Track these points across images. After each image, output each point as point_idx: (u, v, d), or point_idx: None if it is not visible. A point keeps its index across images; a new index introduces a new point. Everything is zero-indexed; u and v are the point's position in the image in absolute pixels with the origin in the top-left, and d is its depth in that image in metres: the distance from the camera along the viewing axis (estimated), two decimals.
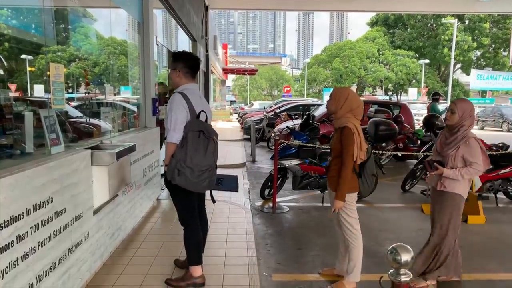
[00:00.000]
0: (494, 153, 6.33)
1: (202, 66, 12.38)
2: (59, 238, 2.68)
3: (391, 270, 1.46)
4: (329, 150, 3.76)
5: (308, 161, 5.85)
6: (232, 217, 5.06)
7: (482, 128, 24.07)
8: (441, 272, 3.40)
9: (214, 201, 3.31)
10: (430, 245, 3.45)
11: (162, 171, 3.93)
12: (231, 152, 11.08)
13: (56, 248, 2.64)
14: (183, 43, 10.86)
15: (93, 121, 4.77)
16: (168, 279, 3.22)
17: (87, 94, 5.98)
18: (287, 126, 9.01)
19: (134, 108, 5.73)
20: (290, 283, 3.52)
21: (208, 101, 13.36)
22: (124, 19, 5.95)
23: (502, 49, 43.00)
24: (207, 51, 13.32)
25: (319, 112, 11.14)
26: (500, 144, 6.82)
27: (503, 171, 6.17)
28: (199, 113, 3.05)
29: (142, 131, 5.11)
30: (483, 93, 40.56)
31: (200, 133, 2.96)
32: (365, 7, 17.30)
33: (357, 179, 3.24)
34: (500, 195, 6.38)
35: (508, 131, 22.24)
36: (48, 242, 2.54)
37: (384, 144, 7.77)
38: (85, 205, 3.11)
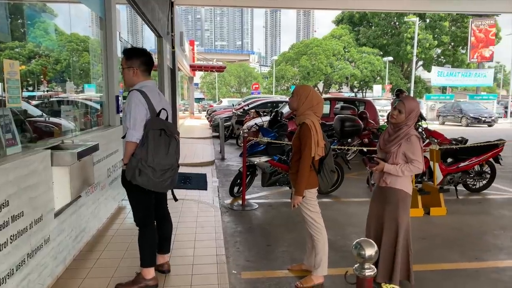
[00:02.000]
0: (454, 147, 6.58)
1: (168, 63, 12.18)
2: (16, 243, 2.56)
3: (356, 265, 1.48)
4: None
5: (277, 157, 5.88)
6: (200, 215, 5.01)
7: (442, 123, 25.01)
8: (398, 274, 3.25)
9: (176, 199, 3.25)
10: (384, 249, 3.26)
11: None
12: (199, 150, 10.99)
13: (13, 254, 2.52)
14: (149, 40, 10.64)
15: (54, 120, 4.59)
16: (118, 284, 3.12)
17: (48, 92, 5.75)
18: (255, 123, 9.01)
19: (97, 106, 5.57)
20: (259, 280, 3.52)
21: (175, 98, 13.18)
22: (87, 14, 5.76)
23: (460, 47, 44.78)
24: (173, 47, 13.10)
25: (287, 109, 11.21)
26: (460, 138, 7.10)
27: (462, 164, 6.42)
28: (160, 111, 2.97)
29: (106, 129, 4.97)
30: (443, 89, 42.10)
31: (162, 132, 2.89)
32: (331, 5, 17.54)
33: (316, 175, 3.29)
34: (460, 187, 6.63)
35: (467, 125, 23.24)
36: (4, 248, 2.42)
37: (350, 140, 7.91)
38: (46, 207, 2.99)
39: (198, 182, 7.06)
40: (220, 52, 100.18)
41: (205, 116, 25.61)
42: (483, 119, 23.25)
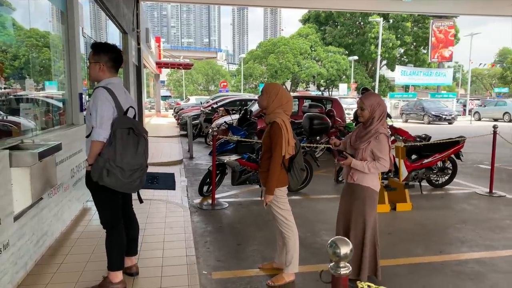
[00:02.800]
0: (419, 144, 6.78)
1: (134, 60, 11.90)
2: None
3: (331, 264, 1.48)
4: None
5: (247, 156, 5.85)
6: (169, 216, 4.91)
7: (406, 121, 25.78)
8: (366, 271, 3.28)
9: (141, 201, 3.16)
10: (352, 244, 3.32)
11: None
12: (167, 148, 10.81)
13: None
14: (113, 36, 10.34)
15: (12, 118, 4.36)
16: None
17: (5, 90, 5.46)
18: (225, 122, 8.96)
19: (60, 104, 5.35)
20: (230, 280, 3.48)
21: (141, 96, 12.89)
22: (47, 8, 5.51)
23: (422, 47, 46.37)
24: (139, 44, 12.81)
25: (256, 107, 11.22)
26: (423, 136, 7.32)
27: (426, 160, 6.63)
28: (127, 109, 2.88)
29: (69, 128, 4.78)
30: (406, 88, 43.44)
31: (130, 130, 2.80)
32: (297, 3, 17.68)
33: (286, 174, 3.29)
34: (424, 183, 6.84)
35: (429, 123, 24.07)
36: None
37: (318, 137, 8.00)
38: (4, 211, 2.83)
39: (166, 181, 6.93)
40: (187, 49, 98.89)
41: (172, 114, 25.24)
42: (444, 116, 24.14)
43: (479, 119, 28.06)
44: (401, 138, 7.14)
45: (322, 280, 1.45)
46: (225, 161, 5.90)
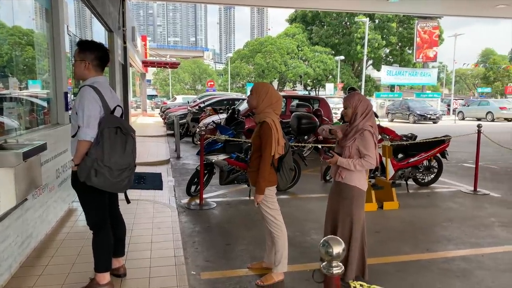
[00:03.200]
0: (405, 143, 6.85)
1: (120, 59, 11.77)
2: None
3: (324, 263, 1.47)
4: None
5: (235, 156, 5.83)
6: (157, 216, 4.86)
7: (391, 120, 26.06)
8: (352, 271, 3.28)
9: (128, 201, 3.12)
10: None
11: None
12: (154, 148, 10.72)
13: None
14: (99, 34, 10.20)
15: None
16: None
17: None
18: (212, 121, 8.91)
19: (44, 104, 5.25)
20: (219, 280, 3.46)
21: (127, 95, 12.76)
22: (31, 6, 5.40)
23: (407, 47, 46.94)
24: (125, 42, 12.68)
25: (244, 106, 11.20)
26: (409, 135, 7.39)
27: (412, 159, 6.70)
28: (115, 108, 2.85)
29: (54, 128, 4.70)
30: (391, 87, 43.92)
31: (117, 130, 2.76)
32: (284, 3, 17.71)
33: (275, 173, 3.29)
34: (410, 181, 6.92)
35: (414, 122, 24.36)
36: None
37: (306, 137, 8.02)
38: None
39: (153, 181, 6.87)
40: (173, 48, 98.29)
41: (159, 113, 25.06)
42: (429, 116, 24.46)
43: (463, 119, 28.52)
44: (387, 137, 7.20)
45: (315, 280, 1.45)
46: (213, 160, 5.87)
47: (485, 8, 16.79)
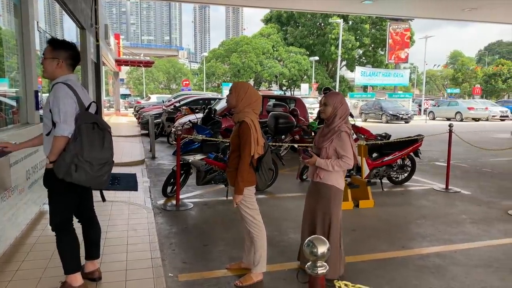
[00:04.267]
0: (379, 142, 6.97)
1: (92, 57, 11.48)
2: None
3: (308, 263, 1.46)
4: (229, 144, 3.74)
5: (214, 155, 5.78)
6: (132, 218, 4.76)
7: (365, 120, 26.50)
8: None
9: (104, 199, 3.09)
10: None
11: None
12: (128, 148, 10.51)
13: None
14: (70, 31, 9.93)
15: None
16: None
17: None
18: (189, 120, 8.81)
19: (13, 103, 5.05)
20: (197, 282, 3.42)
21: (100, 94, 12.47)
22: None
23: (380, 48, 47.90)
24: (97, 40, 12.37)
25: (221, 106, 11.14)
26: (384, 134, 7.53)
27: (386, 158, 6.82)
28: (90, 104, 2.83)
29: (24, 127, 4.52)
30: (365, 88, 44.73)
31: (94, 125, 2.74)
32: (259, 3, 17.73)
33: (254, 173, 3.28)
34: (384, 180, 7.04)
35: (387, 122, 24.88)
36: None
37: (283, 136, 8.05)
38: None
39: (127, 182, 6.73)
40: (147, 47, 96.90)
41: (133, 113, 24.63)
42: (401, 116, 25.02)
43: (433, 118, 29.34)
44: (362, 136, 7.32)
45: (299, 280, 1.43)
46: (190, 160, 5.79)
47: (453, 11, 17.31)
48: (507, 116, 28.00)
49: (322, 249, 1.41)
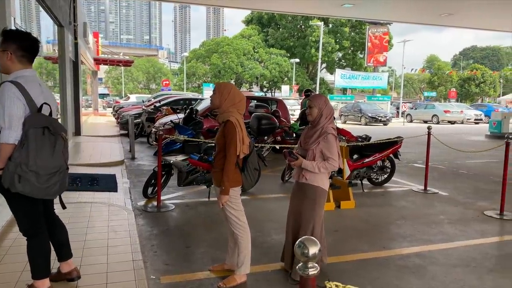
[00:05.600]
0: (360, 144, 7.05)
1: (71, 55, 11.24)
2: None
3: (299, 264, 1.46)
4: (214, 144, 3.71)
5: (199, 156, 5.72)
6: (112, 219, 4.67)
7: (344, 122, 26.80)
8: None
9: (64, 207, 2.91)
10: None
11: None
12: (107, 149, 10.33)
13: None
14: (48, 28, 9.71)
15: None
16: None
17: None
18: (171, 121, 8.70)
19: None
20: (180, 284, 3.38)
21: (78, 93, 12.21)
22: None
23: (359, 51, 48.62)
24: (76, 38, 12.13)
25: (202, 106, 11.07)
26: (364, 136, 7.63)
27: (367, 160, 6.90)
28: (41, 106, 2.60)
29: None
30: (344, 90, 45.29)
31: (45, 130, 2.54)
32: (240, 4, 17.73)
33: (240, 174, 3.26)
34: (365, 181, 7.13)
35: (366, 124, 25.22)
36: None
37: (266, 137, 8.05)
38: None
39: (107, 183, 6.60)
40: (126, 46, 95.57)
41: (112, 113, 24.23)
42: (379, 118, 25.41)
43: (411, 121, 29.93)
44: (344, 138, 7.39)
45: (290, 282, 1.42)
46: (172, 161, 5.73)
47: (431, 16, 17.70)
48: (481, 119, 28.82)
49: (313, 250, 1.41)
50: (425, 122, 28.21)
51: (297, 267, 1.46)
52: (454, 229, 4.99)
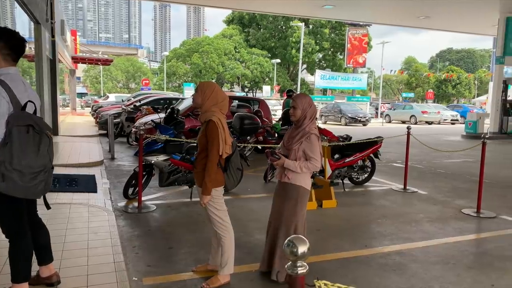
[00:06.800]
0: (341, 143, 7.12)
1: (48, 53, 10.98)
2: None
3: (288, 263, 1.46)
4: (196, 144, 3.68)
5: (181, 156, 5.67)
6: (92, 220, 4.58)
7: (325, 122, 27.04)
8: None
9: (48, 207, 2.84)
10: (281, 242, 3.32)
11: None
12: (85, 149, 10.13)
13: None
14: (23, 25, 9.44)
15: None
16: None
17: None
18: (152, 120, 8.60)
19: None
20: (162, 285, 3.33)
21: (55, 92, 11.94)
22: None
23: (339, 52, 49.15)
24: (53, 36, 11.86)
25: (183, 106, 10.98)
26: (345, 136, 7.71)
27: (348, 159, 6.98)
28: (25, 104, 2.56)
29: None
30: (324, 91, 45.72)
31: (29, 128, 2.49)
32: (220, 3, 17.73)
33: (222, 174, 3.24)
34: (346, 180, 7.20)
35: (346, 124, 25.51)
36: None
37: (248, 137, 8.05)
38: None
39: (86, 184, 6.47)
40: (105, 45, 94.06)
41: (90, 112, 23.81)
42: (359, 118, 25.74)
43: (390, 121, 30.43)
44: (325, 138, 7.45)
45: (278, 280, 1.42)
46: (153, 161, 5.66)
47: (409, 18, 18.07)
48: (457, 120, 29.54)
49: (302, 248, 1.41)
50: (404, 122, 28.73)
51: (286, 266, 1.46)
52: (433, 227, 5.09)
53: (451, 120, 29.62)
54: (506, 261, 4.04)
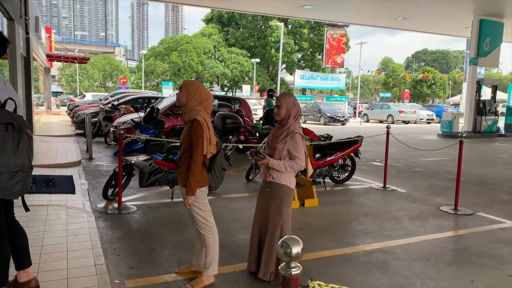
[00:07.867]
0: (322, 143, 7.17)
1: (22, 51, 10.66)
2: None
3: (282, 264, 1.44)
4: (178, 144, 3.63)
5: (163, 156, 5.58)
6: (71, 222, 4.46)
7: (304, 122, 27.22)
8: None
9: (27, 209, 2.74)
10: (268, 243, 3.35)
11: None
12: (62, 149, 9.88)
13: None
14: None
15: None
16: None
17: None
18: (132, 120, 8.44)
19: None
20: (145, 287, 3.28)
21: (30, 91, 11.61)
22: None
23: (317, 53, 49.58)
24: (27, 33, 11.52)
25: (163, 105, 10.84)
26: (326, 135, 7.76)
27: (329, 158, 7.03)
28: (5, 101, 2.50)
29: None
30: (303, 91, 46.02)
31: (8, 126, 2.41)
32: (199, 2, 17.62)
33: (207, 173, 3.21)
34: (327, 179, 7.26)
35: (325, 124, 25.77)
36: None
37: (230, 136, 8.01)
38: None
39: (63, 185, 6.31)
40: (81, 43, 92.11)
41: (66, 111, 23.28)
42: (338, 118, 26.02)
43: (367, 121, 30.89)
44: (307, 137, 7.48)
45: (272, 282, 1.41)
46: (133, 161, 5.56)
47: (387, 19, 18.36)
48: (432, 119, 30.21)
49: (296, 249, 1.40)
50: (381, 122, 29.23)
51: (279, 267, 1.45)
52: (413, 224, 5.18)
53: (427, 119, 30.27)
54: (483, 257, 4.14)
